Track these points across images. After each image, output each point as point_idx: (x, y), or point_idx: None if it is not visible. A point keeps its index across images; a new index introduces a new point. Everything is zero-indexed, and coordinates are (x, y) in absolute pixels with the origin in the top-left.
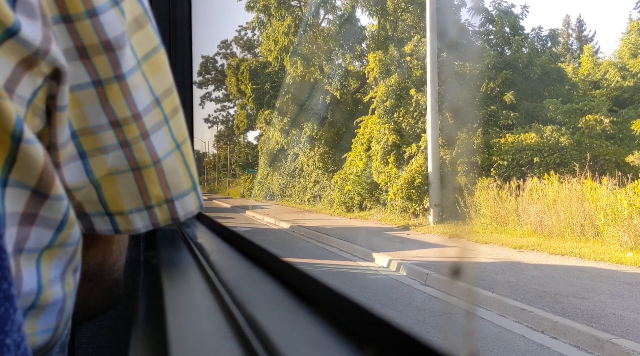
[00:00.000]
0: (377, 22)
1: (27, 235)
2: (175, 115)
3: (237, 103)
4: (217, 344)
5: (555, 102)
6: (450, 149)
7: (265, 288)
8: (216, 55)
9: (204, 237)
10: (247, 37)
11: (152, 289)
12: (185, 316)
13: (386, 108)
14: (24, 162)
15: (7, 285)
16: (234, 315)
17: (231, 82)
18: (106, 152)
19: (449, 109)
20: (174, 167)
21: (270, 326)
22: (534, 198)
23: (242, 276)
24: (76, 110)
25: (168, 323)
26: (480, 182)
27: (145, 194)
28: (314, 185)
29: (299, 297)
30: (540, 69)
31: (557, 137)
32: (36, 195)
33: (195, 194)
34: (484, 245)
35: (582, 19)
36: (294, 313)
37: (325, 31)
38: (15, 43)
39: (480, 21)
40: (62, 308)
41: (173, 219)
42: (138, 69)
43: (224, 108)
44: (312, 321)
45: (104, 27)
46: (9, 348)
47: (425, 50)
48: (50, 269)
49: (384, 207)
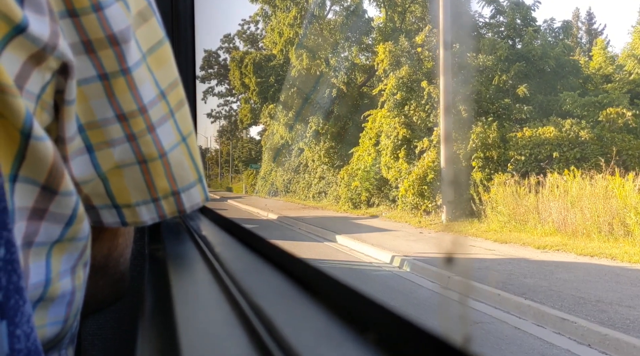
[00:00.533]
0: (384, 14)
1: (36, 230)
2: (180, 108)
3: (241, 97)
4: (225, 333)
5: (572, 95)
6: (464, 144)
7: (270, 279)
8: (219, 50)
9: (208, 230)
10: (251, 31)
11: (158, 282)
12: (192, 307)
13: (396, 101)
14: (33, 158)
15: (17, 278)
16: (240, 305)
17: (235, 75)
18: (113, 146)
19: (461, 101)
20: (180, 160)
21: (275, 315)
22: (556, 194)
23: (247, 267)
24: (83, 104)
25: (176, 314)
26: (496, 178)
27: (151, 187)
28: (319, 181)
29: (303, 287)
30: (555, 62)
31: (577, 131)
32: (45, 191)
33: (201, 186)
34: (504, 244)
35: (591, 12)
36: (298, 303)
37: (331, 23)
38: (24, 39)
39: (491, 12)
40: (71, 300)
41: (179, 211)
42: (143, 62)
43: (226, 103)
44: (316, 310)
45: (110, 21)
46: (19, 339)
47: (436, 41)
48: (61, 263)
49: (393, 204)
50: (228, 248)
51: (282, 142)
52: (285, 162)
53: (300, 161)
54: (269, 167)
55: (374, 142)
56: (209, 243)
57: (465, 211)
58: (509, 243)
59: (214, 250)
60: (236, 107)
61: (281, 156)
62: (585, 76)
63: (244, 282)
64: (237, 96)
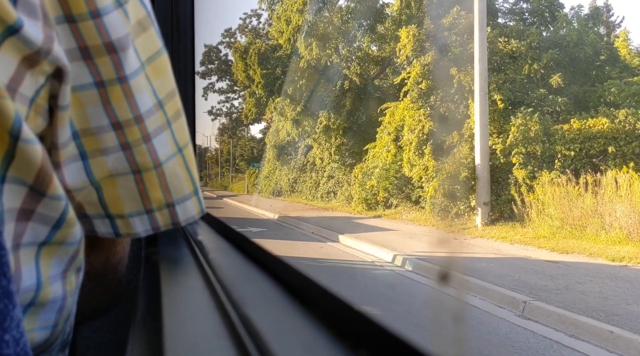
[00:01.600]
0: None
1: (23, 230)
2: (177, 119)
3: (246, 91)
4: (211, 345)
5: (617, 84)
6: (501, 138)
7: (262, 288)
8: (220, 44)
9: (205, 235)
10: (252, 25)
11: (151, 287)
12: (181, 316)
13: (421, 91)
14: (22, 159)
15: (6, 282)
16: (229, 314)
17: (238, 67)
18: (107, 154)
19: (496, 90)
20: (175, 171)
21: (264, 326)
22: (622, 195)
23: (240, 275)
24: (78, 110)
25: (164, 322)
26: (543, 176)
27: (145, 198)
28: (327, 180)
29: (295, 297)
30: (592, 48)
31: (634, 123)
32: (33, 192)
33: (196, 199)
34: (565, 255)
35: (609, 4)
36: (288, 314)
37: (343, 9)
38: (17, 41)
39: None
40: (61, 306)
41: (174, 223)
42: (142, 71)
43: (227, 100)
44: (307, 321)
45: (108, 28)
46: (7, 344)
47: (465, 22)
48: (50, 267)
49: (415, 205)
50: (223, 254)
51: (288, 139)
52: (291, 160)
53: (307, 159)
54: (272, 165)
55: (393, 138)
56: (204, 249)
57: (504, 214)
58: (571, 253)
59: (208, 256)
60: (237, 104)
61: (286, 154)
62: (623, 64)
63: (235, 290)
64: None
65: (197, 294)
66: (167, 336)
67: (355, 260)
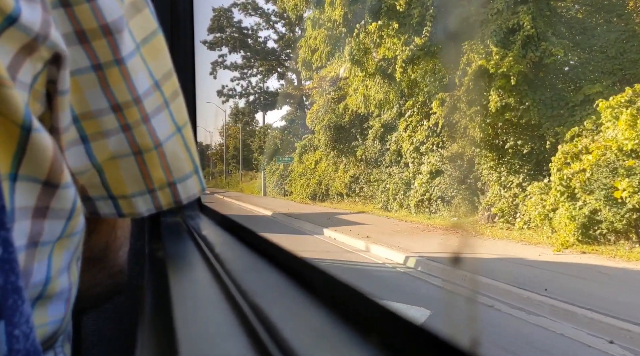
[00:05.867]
0: None
1: (41, 229)
2: (175, 98)
3: (307, 16)
4: (225, 332)
5: None
6: None
7: (270, 279)
8: (233, 7)
9: (207, 229)
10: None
11: (157, 281)
12: (192, 307)
13: None
14: (33, 153)
15: (15, 277)
16: (239, 304)
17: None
18: (108, 136)
19: None
20: (175, 151)
21: (275, 315)
22: None
23: (247, 267)
24: (77, 94)
25: (175, 313)
26: None
27: (147, 178)
28: (430, 180)
29: (303, 287)
30: None
31: None
32: (47, 187)
33: (197, 177)
34: None
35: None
36: (298, 303)
37: None
38: (16, 30)
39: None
40: (69, 297)
41: (176, 201)
42: (137, 52)
43: (243, 76)
44: (317, 310)
45: (103, 11)
46: (18, 339)
47: None
48: (62, 260)
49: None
50: (228, 247)
51: (363, 111)
52: (357, 148)
53: (388, 147)
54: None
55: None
56: (208, 243)
57: None
58: None
59: (214, 250)
60: (255, 82)
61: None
62: None
63: (244, 281)
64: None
65: (206, 287)
66: (179, 325)
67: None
